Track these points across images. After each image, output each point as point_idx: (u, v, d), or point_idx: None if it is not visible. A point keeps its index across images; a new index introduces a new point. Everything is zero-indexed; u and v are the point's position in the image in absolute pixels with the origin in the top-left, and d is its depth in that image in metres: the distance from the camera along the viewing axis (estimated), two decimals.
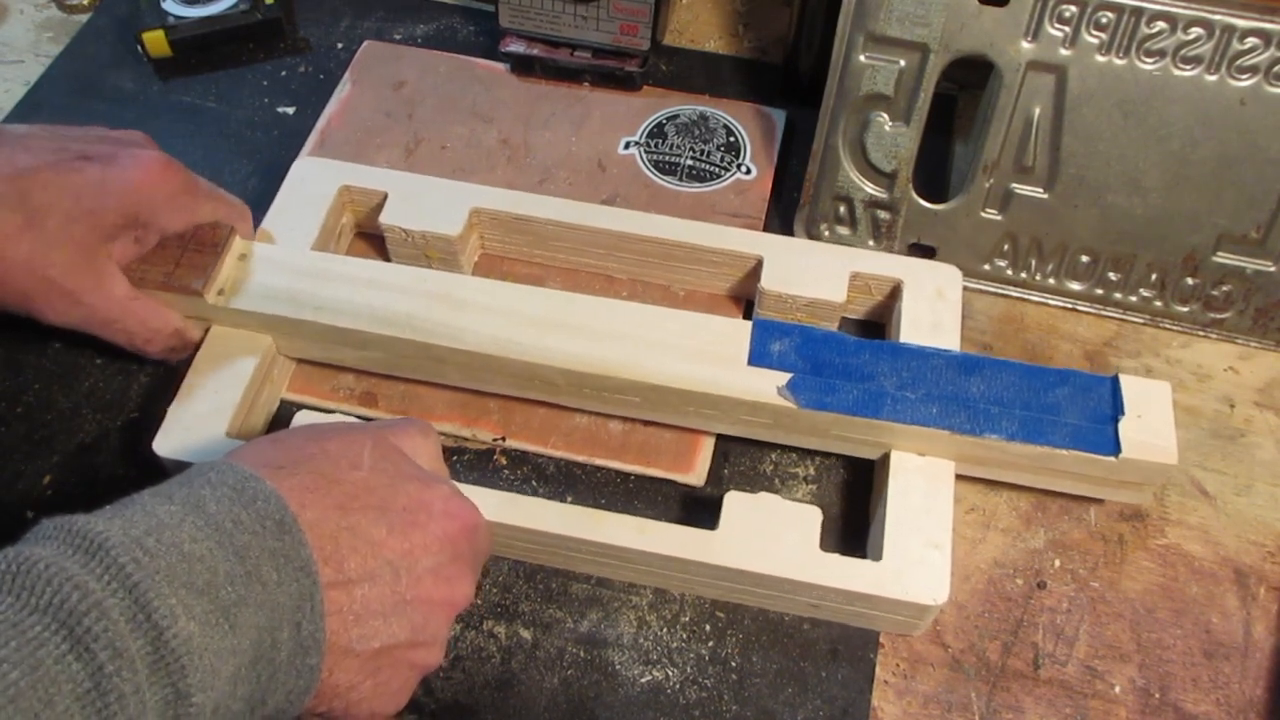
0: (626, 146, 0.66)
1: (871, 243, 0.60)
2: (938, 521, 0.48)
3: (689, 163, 0.65)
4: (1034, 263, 0.59)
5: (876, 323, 0.58)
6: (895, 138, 0.57)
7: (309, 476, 0.39)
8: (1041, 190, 0.56)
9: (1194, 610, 0.50)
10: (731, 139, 0.66)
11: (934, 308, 0.54)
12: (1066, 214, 0.56)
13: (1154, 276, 0.58)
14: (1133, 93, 0.52)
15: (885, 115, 0.56)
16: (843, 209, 0.60)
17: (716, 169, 0.65)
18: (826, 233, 0.61)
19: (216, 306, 0.52)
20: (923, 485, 0.49)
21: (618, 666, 0.48)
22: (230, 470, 0.37)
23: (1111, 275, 0.58)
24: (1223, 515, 0.53)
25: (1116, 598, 0.51)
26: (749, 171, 0.64)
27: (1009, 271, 0.60)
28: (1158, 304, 0.59)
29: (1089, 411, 0.49)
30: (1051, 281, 0.59)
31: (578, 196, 0.60)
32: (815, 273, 0.55)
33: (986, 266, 0.60)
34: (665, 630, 0.49)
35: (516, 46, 0.68)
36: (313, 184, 0.58)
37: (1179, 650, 0.49)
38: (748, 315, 0.58)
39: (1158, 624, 0.50)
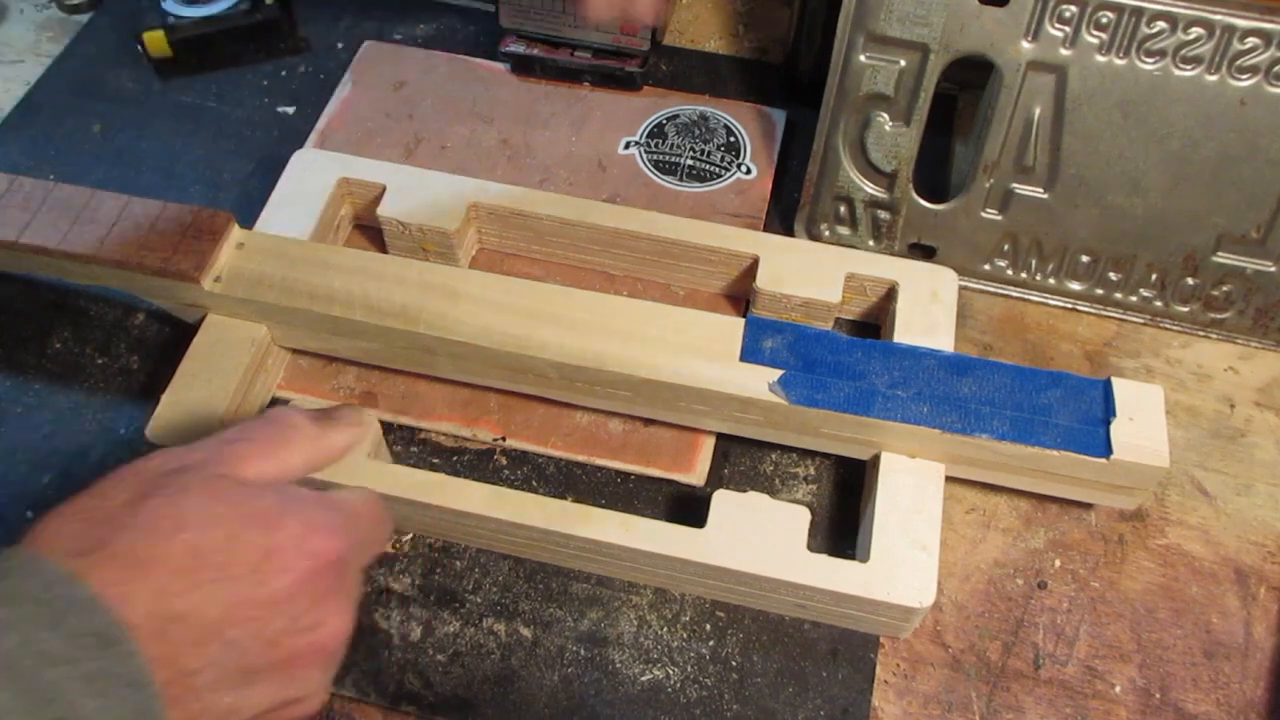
0: (626, 146, 0.66)
1: (872, 242, 0.60)
2: (926, 523, 0.48)
3: (689, 163, 0.65)
4: (1034, 263, 0.59)
5: (871, 324, 0.58)
6: (895, 138, 0.57)
7: (123, 560, 0.33)
8: (1041, 190, 0.56)
9: (1194, 610, 0.50)
10: (731, 139, 0.66)
11: (929, 310, 0.54)
12: (1067, 214, 0.56)
13: (1154, 276, 0.58)
14: (1133, 93, 0.52)
15: (885, 115, 0.56)
16: (843, 209, 0.60)
17: (716, 169, 0.65)
18: (827, 232, 0.61)
19: (213, 294, 0.52)
20: (912, 487, 0.49)
21: (618, 665, 0.48)
22: (32, 571, 0.31)
23: (1112, 275, 0.58)
24: (1223, 515, 0.53)
25: (1117, 598, 0.51)
26: (749, 171, 0.64)
27: (1009, 271, 0.60)
28: (1158, 304, 0.59)
29: (1080, 414, 0.49)
30: (1051, 281, 0.59)
31: (578, 196, 0.60)
32: (811, 273, 0.55)
33: (987, 266, 0.60)
34: (666, 629, 0.49)
35: (516, 46, 0.68)
36: (312, 175, 0.59)
37: (1179, 650, 0.49)
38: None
39: (1158, 624, 0.50)
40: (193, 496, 0.35)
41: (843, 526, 0.52)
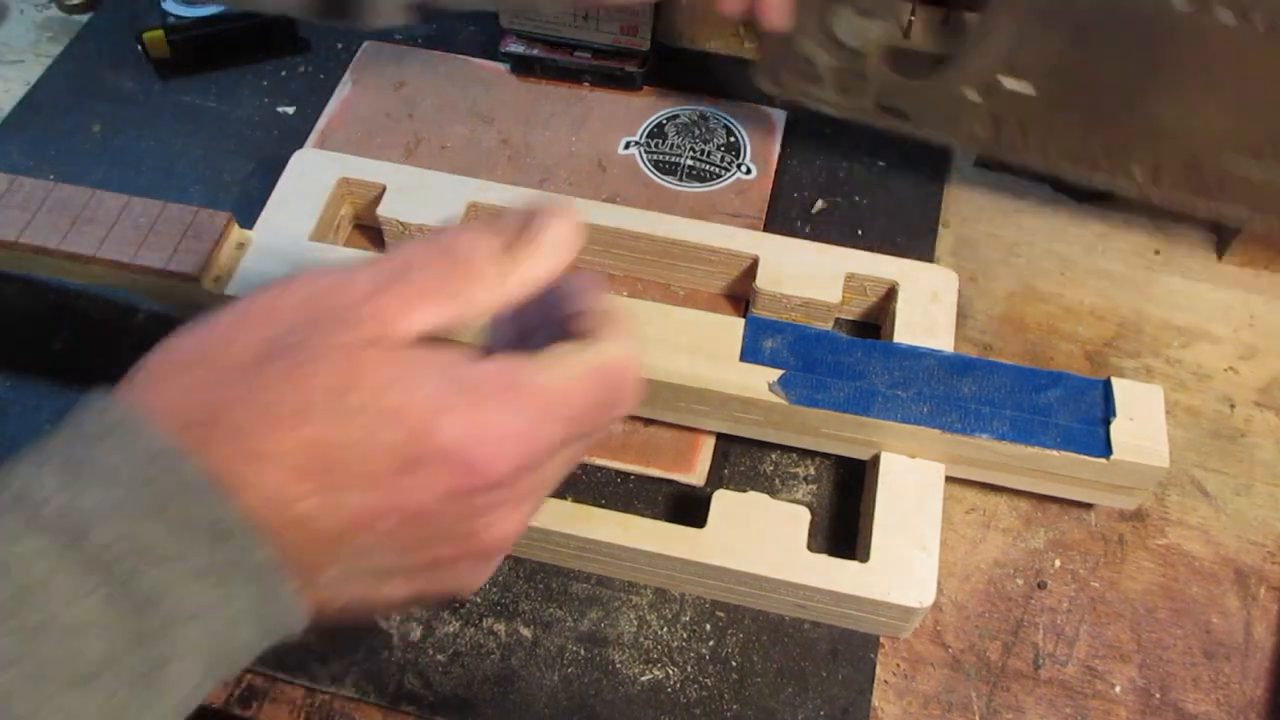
0: (626, 146, 0.66)
1: (837, 96, 0.58)
2: (926, 524, 0.48)
3: (689, 163, 0.65)
4: (1016, 139, 0.56)
5: (872, 324, 0.58)
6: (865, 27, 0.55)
7: (236, 446, 0.27)
8: (1031, 89, 0.53)
9: (1194, 610, 0.50)
10: (731, 139, 0.66)
11: (929, 310, 0.54)
12: (1055, 114, 0.54)
13: (1147, 168, 0.55)
14: (1142, 7, 0.49)
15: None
16: (807, 67, 0.57)
17: (716, 169, 0.65)
18: (790, 82, 0.59)
19: (213, 294, 0.52)
20: (912, 487, 0.49)
21: (618, 665, 0.48)
22: (132, 438, 0.27)
23: (1102, 160, 0.55)
24: (1223, 515, 0.53)
25: (1117, 598, 0.51)
26: (749, 171, 0.64)
27: (987, 139, 0.57)
28: (1150, 187, 0.56)
29: (1081, 414, 0.49)
30: (1036, 156, 0.56)
31: (578, 197, 0.60)
32: (810, 273, 0.55)
33: (965, 133, 0.57)
34: (666, 629, 0.49)
35: (517, 47, 0.68)
36: (312, 175, 0.58)
37: (1179, 650, 0.49)
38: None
39: (1158, 624, 0.50)
40: (324, 374, 0.28)
41: (843, 526, 0.52)
